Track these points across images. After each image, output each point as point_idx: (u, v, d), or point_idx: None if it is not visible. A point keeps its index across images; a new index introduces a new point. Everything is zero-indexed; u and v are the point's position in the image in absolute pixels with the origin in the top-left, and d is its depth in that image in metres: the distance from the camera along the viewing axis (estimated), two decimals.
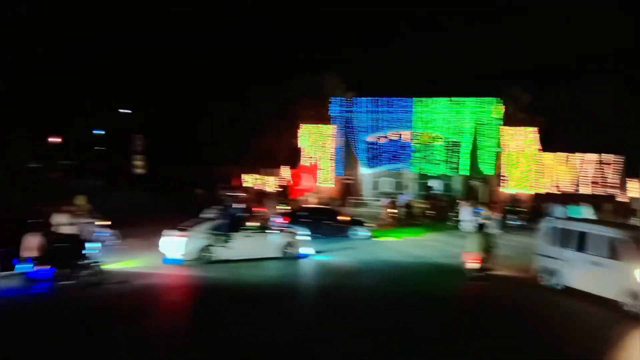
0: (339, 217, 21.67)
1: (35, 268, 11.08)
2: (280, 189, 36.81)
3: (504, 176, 33.28)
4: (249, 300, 11.19)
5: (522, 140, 33.06)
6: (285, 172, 38.27)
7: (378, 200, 30.70)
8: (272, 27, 52.53)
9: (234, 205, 18.75)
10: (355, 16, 54.14)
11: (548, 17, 42.00)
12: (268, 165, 39.87)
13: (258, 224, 16.16)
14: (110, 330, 8.78)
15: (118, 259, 14.25)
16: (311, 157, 36.29)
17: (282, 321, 9.70)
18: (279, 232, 16.04)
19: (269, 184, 38.46)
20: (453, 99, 34.12)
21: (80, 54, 41.19)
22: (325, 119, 36.49)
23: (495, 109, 33.48)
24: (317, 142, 36.22)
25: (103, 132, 45.55)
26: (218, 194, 33.00)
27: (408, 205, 28.09)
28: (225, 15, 53.27)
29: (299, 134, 36.49)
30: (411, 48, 43.91)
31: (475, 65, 39.92)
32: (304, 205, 24.87)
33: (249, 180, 40.06)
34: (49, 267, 11.14)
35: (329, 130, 36.05)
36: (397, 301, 11.66)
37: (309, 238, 16.57)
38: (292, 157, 37.84)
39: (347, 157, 35.99)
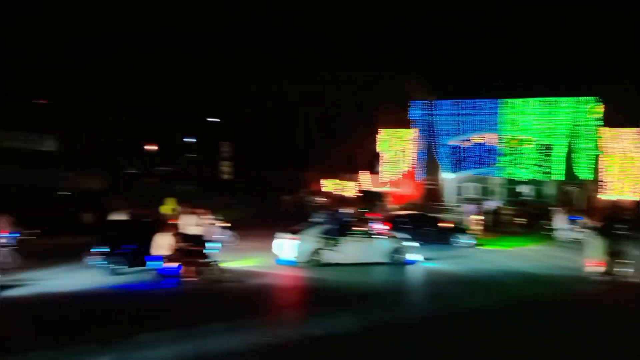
0: (441, 224, 20.95)
1: (164, 265, 11.98)
2: (361, 194, 36.73)
3: (603, 181, 30.47)
4: (361, 303, 11.14)
5: (626, 142, 30.08)
6: (365, 177, 38.15)
7: (459, 206, 29.46)
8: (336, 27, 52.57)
9: (342, 210, 19.12)
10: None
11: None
12: (347, 171, 39.99)
13: (365, 229, 16.18)
14: (231, 323, 9.21)
15: (235, 258, 15.11)
16: (390, 163, 35.94)
17: (396, 328, 9.42)
18: (387, 237, 15.94)
19: (348, 189, 38.56)
20: (545, 99, 31.95)
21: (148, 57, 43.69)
22: (405, 123, 35.86)
23: (592, 109, 30.82)
24: (396, 146, 35.73)
25: (194, 140, 48.45)
26: (303, 200, 33.69)
27: (496, 212, 26.62)
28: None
29: (377, 139, 36.22)
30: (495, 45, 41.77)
31: (559, 63, 36.94)
32: (403, 212, 24.39)
33: (329, 185, 40.43)
34: (176, 264, 11.97)
35: (409, 135, 35.40)
36: (519, 310, 10.94)
37: (417, 244, 16.14)
38: (372, 162, 37.64)
39: (428, 161, 35.05)
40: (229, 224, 16.95)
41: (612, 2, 39.40)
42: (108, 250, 12.94)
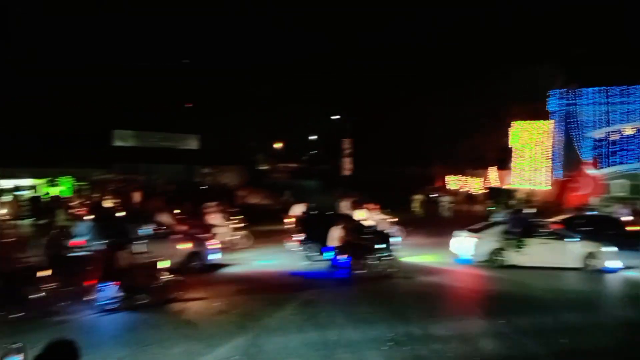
0: (629, 228, 18.26)
1: (337, 257, 12.58)
2: (487, 191, 34.87)
3: None
4: (543, 311, 10.10)
5: None
6: (493, 173, 36.12)
7: (608, 206, 26.37)
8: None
9: (525, 210, 18.37)
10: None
11: None
12: (474, 167, 38.20)
13: (553, 230, 15.07)
14: (390, 321, 9.08)
15: (411, 254, 15.28)
16: (523, 157, 33.54)
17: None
18: (578, 240, 14.58)
19: (474, 185, 36.82)
20: None
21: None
22: (540, 115, 33.23)
23: None
24: (531, 140, 33.22)
25: (317, 137, 49.96)
26: (430, 198, 32.73)
27: None
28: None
29: (510, 133, 33.99)
30: None
31: None
32: (581, 213, 22.55)
33: (454, 182, 39.00)
34: (346, 256, 12.49)
35: (546, 127, 32.67)
36: None
37: (615, 249, 14.35)
38: (502, 157, 35.46)
39: (567, 156, 32.02)
40: (397, 219, 17.26)
41: None
42: (304, 238, 14.40)
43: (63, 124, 30.59)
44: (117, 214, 14.27)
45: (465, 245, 14.56)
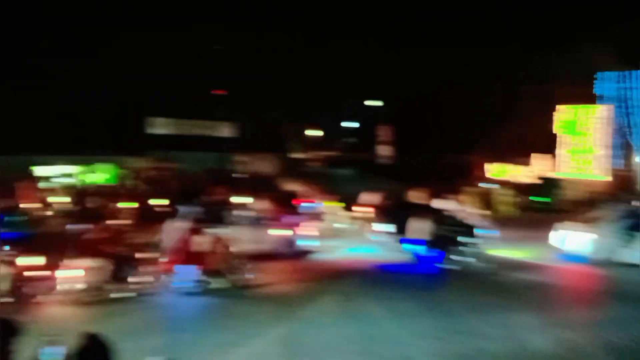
0: None
1: (427, 250, 12.03)
2: (540, 181, 33.34)
3: None
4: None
5: None
6: (543, 161, 34.48)
7: None
8: None
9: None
10: None
11: None
12: (517, 154, 36.63)
13: None
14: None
15: (499, 248, 14.49)
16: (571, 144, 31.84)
17: None
18: None
19: (519, 174, 35.25)
20: None
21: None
22: (589, 99, 31.42)
23: None
24: (578, 126, 31.49)
25: (357, 125, 49.17)
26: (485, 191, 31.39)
27: None
28: None
29: (555, 117, 32.29)
30: None
31: None
32: None
33: (495, 170, 37.49)
34: (436, 250, 11.86)
35: (596, 112, 30.85)
36: None
37: None
38: (548, 144, 33.78)
39: (620, 143, 30.20)
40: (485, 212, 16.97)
41: None
42: (387, 229, 14.40)
43: (97, 111, 30.95)
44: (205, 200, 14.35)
45: (574, 240, 13.48)
